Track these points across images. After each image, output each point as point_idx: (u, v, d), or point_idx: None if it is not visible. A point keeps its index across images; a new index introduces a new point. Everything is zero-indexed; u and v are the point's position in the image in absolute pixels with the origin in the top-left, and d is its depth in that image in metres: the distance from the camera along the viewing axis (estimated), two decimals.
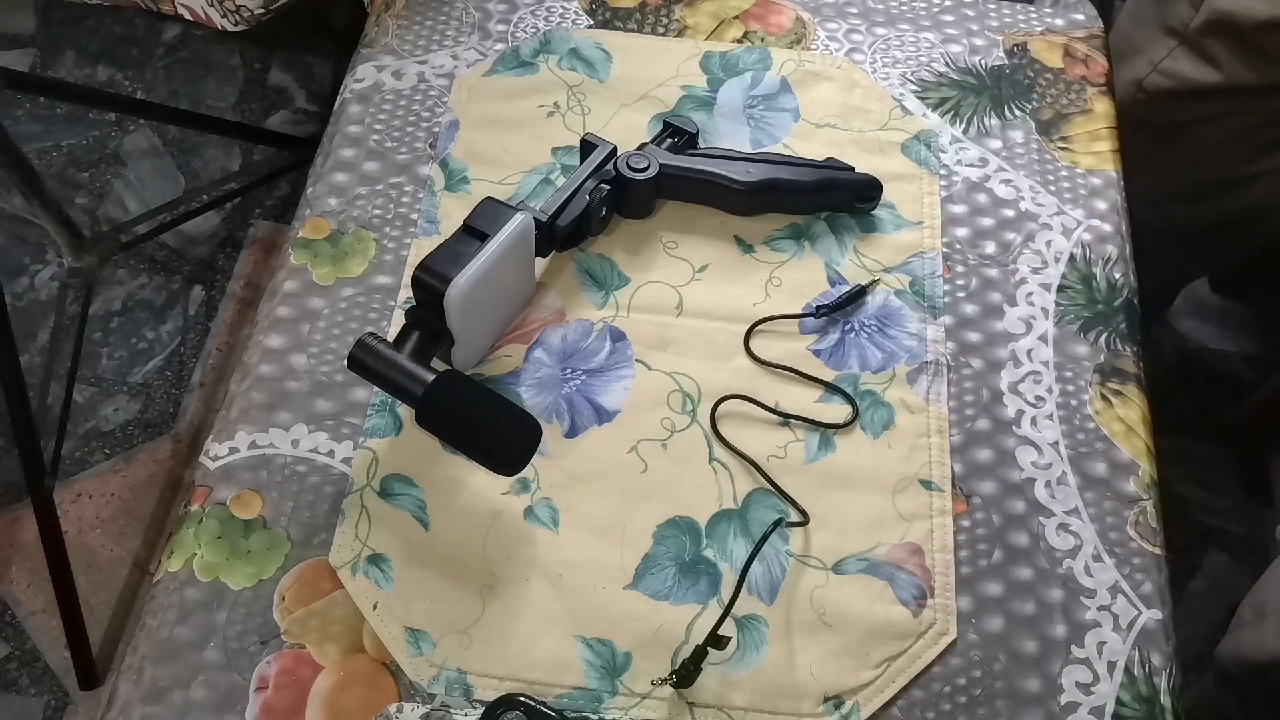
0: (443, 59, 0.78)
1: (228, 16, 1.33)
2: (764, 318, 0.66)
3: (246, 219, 1.50)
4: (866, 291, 0.68)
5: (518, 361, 0.65)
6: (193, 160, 1.54)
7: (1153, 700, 0.56)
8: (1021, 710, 0.55)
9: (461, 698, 0.55)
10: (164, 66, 1.62)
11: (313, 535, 0.59)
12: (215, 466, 0.62)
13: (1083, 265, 0.70)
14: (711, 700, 0.55)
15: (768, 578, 0.58)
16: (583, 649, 0.56)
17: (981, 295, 0.68)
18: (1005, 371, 0.65)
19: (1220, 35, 0.80)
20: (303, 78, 1.62)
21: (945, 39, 0.80)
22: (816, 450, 0.62)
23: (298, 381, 0.64)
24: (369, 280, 0.68)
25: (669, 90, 0.76)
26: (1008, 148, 0.74)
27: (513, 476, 0.59)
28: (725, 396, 0.63)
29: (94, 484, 1.30)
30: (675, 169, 0.69)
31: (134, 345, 1.40)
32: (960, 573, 0.59)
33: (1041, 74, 0.78)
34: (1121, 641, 0.57)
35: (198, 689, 0.55)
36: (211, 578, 0.58)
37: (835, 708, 0.55)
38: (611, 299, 0.67)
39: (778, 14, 0.81)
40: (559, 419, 0.63)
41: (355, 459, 0.62)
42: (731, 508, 0.60)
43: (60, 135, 1.56)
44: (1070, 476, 0.62)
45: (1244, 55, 0.80)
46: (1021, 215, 0.71)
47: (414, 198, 0.71)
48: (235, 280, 1.45)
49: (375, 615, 0.57)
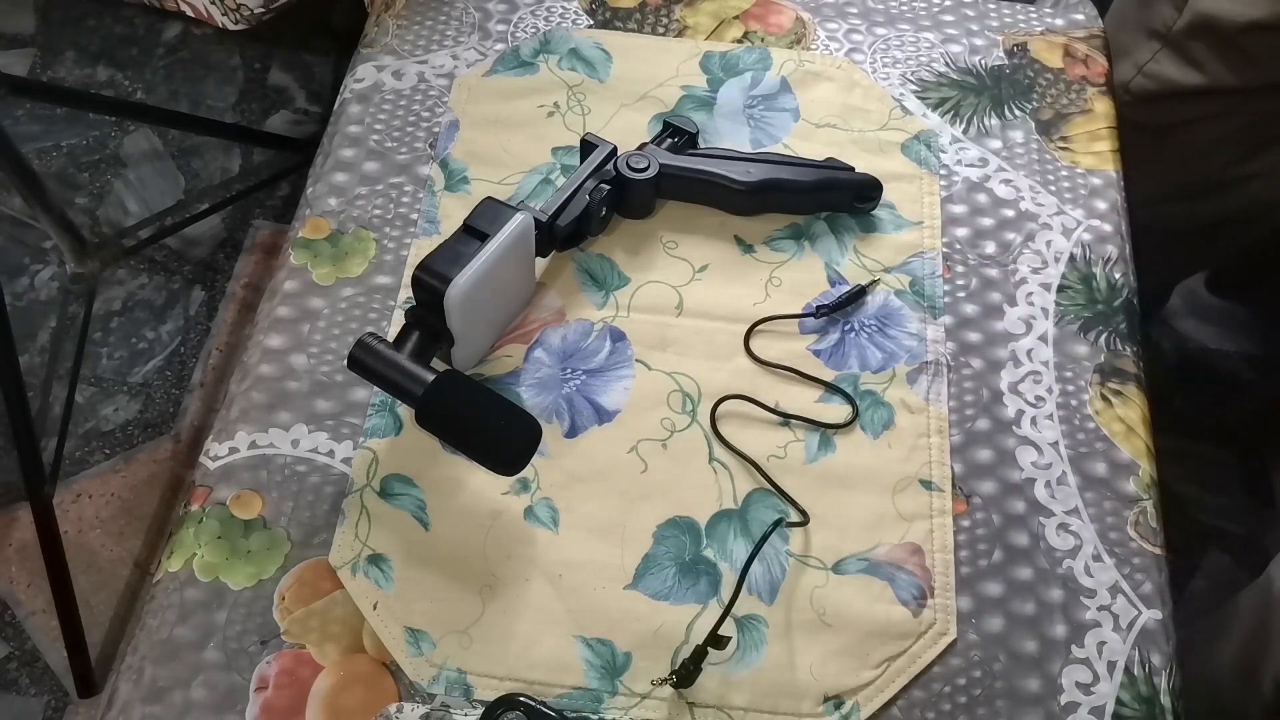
0: (443, 59, 0.78)
1: (228, 15, 1.34)
2: (764, 318, 0.66)
3: (247, 220, 1.50)
4: (866, 291, 0.68)
5: (518, 361, 0.65)
6: (193, 161, 1.55)
7: (1153, 700, 0.56)
8: (1021, 710, 0.55)
9: (461, 698, 0.55)
10: (164, 66, 1.62)
11: (313, 535, 0.59)
12: (215, 466, 0.62)
13: (1083, 265, 0.70)
14: (711, 700, 0.55)
15: (768, 578, 0.58)
16: (583, 649, 0.56)
17: (981, 295, 0.68)
18: (1005, 371, 0.65)
19: (1203, 38, 0.80)
20: (303, 78, 1.62)
21: (945, 39, 0.80)
22: (816, 450, 0.62)
23: (298, 381, 0.64)
24: (369, 280, 0.68)
25: (669, 90, 0.76)
26: (1008, 148, 0.74)
27: (513, 476, 0.59)
28: (725, 396, 0.63)
29: (94, 484, 1.30)
30: (675, 169, 0.69)
31: (134, 345, 1.40)
32: (960, 573, 0.59)
33: (1041, 74, 0.78)
34: (1121, 641, 0.57)
35: (198, 689, 0.55)
36: (211, 578, 0.58)
37: (835, 708, 0.55)
38: (611, 299, 0.67)
39: (778, 14, 0.81)
40: (559, 419, 0.63)
41: (355, 459, 0.62)
42: (731, 508, 0.60)
43: (60, 135, 1.56)
44: (1070, 476, 0.62)
45: (1227, 58, 0.80)
46: (1021, 215, 0.71)
47: (414, 198, 0.71)
48: (235, 280, 1.45)
49: (375, 615, 0.57)
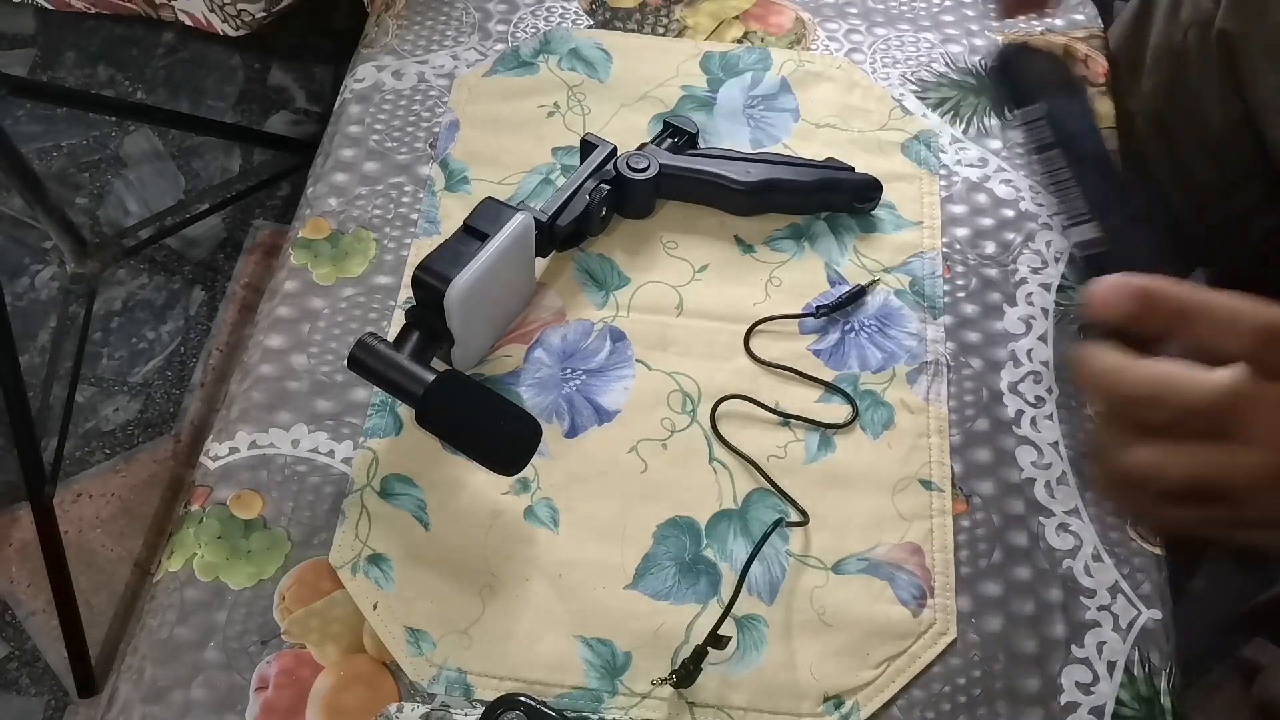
0: (443, 59, 0.78)
1: (229, 21, 1.34)
2: (764, 318, 0.66)
3: (247, 220, 1.51)
4: (866, 291, 0.68)
5: (518, 361, 0.65)
6: (193, 161, 1.55)
7: (1153, 700, 0.56)
8: (1021, 710, 0.55)
9: (461, 698, 0.55)
10: (164, 67, 1.62)
11: (313, 535, 0.59)
12: (215, 466, 0.62)
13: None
14: (711, 700, 0.55)
15: (768, 578, 0.58)
16: (583, 649, 0.56)
17: (981, 295, 0.68)
18: (1005, 371, 0.65)
19: None
20: (303, 78, 1.63)
21: (945, 39, 0.80)
22: (816, 450, 0.62)
23: (298, 381, 0.64)
24: (369, 280, 0.68)
25: (669, 90, 0.76)
26: (1008, 148, 0.74)
27: (513, 476, 0.59)
28: (725, 396, 0.63)
29: (94, 484, 1.30)
30: (675, 169, 0.69)
31: (134, 345, 1.40)
32: (960, 573, 0.59)
33: None
34: (1121, 641, 0.57)
35: (198, 689, 0.55)
36: (211, 578, 0.58)
37: (835, 708, 0.55)
38: (611, 299, 0.67)
39: (778, 14, 0.81)
40: (559, 419, 0.63)
41: (355, 459, 0.62)
42: (731, 508, 0.60)
43: (60, 135, 1.56)
44: (1070, 476, 0.62)
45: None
46: (1021, 215, 0.71)
47: (414, 198, 0.71)
48: (235, 280, 1.45)
49: (375, 615, 0.57)
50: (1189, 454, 0.39)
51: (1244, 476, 0.38)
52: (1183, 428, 0.39)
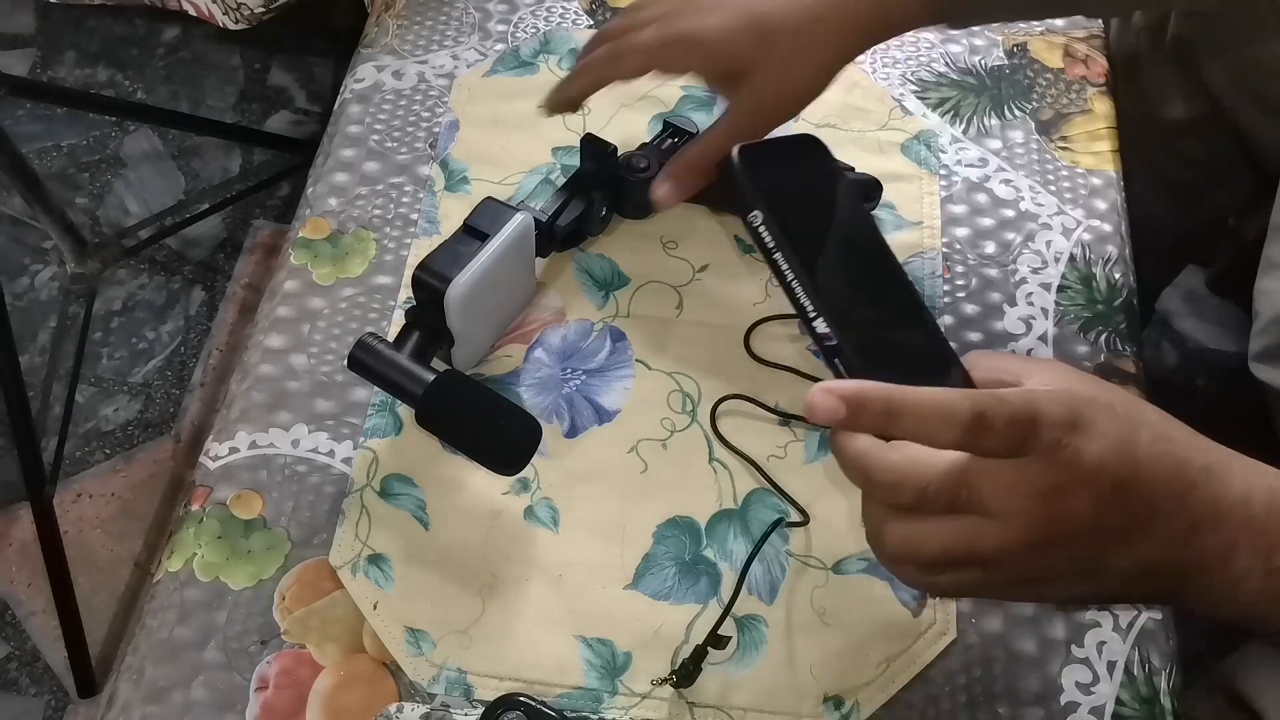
0: (443, 59, 0.78)
1: (229, 14, 1.34)
2: (764, 318, 0.66)
3: (247, 220, 1.51)
4: None
5: (518, 361, 0.65)
6: (193, 161, 1.55)
7: (1153, 700, 0.56)
8: (1021, 710, 0.55)
9: (461, 698, 0.55)
10: (164, 66, 1.62)
11: (313, 535, 0.59)
12: (215, 466, 0.62)
13: (1082, 265, 0.70)
14: (711, 700, 0.55)
15: (768, 578, 0.58)
16: (583, 649, 0.56)
17: (981, 295, 0.68)
18: None
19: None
20: (303, 78, 1.63)
21: (945, 39, 0.80)
22: (816, 450, 0.62)
23: (298, 381, 0.64)
24: (369, 280, 0.68)
25: (669, 90, 0.76)
26: (1008, 148, 0.74)
27: (513, 476, 0.59)
28: (725, 396, 0.63)
29: (94, 484, 1.30)
30: None
31: (134, 345, 1.40)
32: None
33: (1041, 74, 0.78)
34: (1121, 641, 0.57)
35: (198, 689, 0.55)
36: (211, 578, 0.58)
37: (835, 708, 0.55)
38: (611, 299, 0.67)
39: None
40: (559, 419, 0.63)
41: (355, 459, 0.62)
42: (731, 508, 0.60)
43: (60, 135, 1.56)
44: None
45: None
46: (1021, 215, 0.71)
47: (414, 198, 0.71)
48: (235, 281, 1.45)
49: (375, 615, 0.57)
50: (935, 529, 0.41)
51: (989, 548, 0.40)
52: (929, 505, 0.41)
